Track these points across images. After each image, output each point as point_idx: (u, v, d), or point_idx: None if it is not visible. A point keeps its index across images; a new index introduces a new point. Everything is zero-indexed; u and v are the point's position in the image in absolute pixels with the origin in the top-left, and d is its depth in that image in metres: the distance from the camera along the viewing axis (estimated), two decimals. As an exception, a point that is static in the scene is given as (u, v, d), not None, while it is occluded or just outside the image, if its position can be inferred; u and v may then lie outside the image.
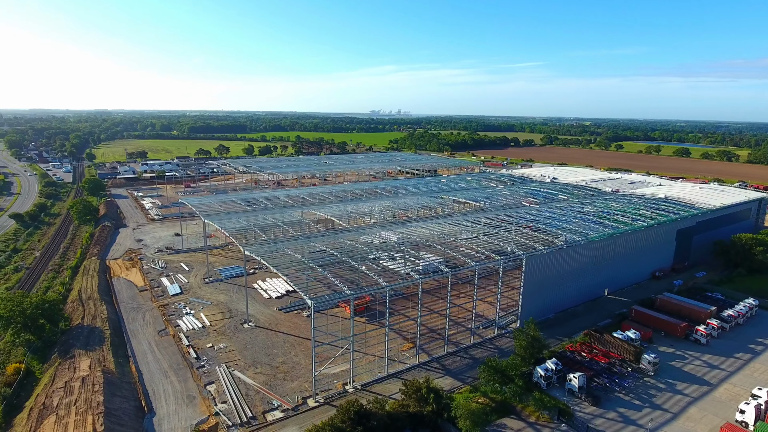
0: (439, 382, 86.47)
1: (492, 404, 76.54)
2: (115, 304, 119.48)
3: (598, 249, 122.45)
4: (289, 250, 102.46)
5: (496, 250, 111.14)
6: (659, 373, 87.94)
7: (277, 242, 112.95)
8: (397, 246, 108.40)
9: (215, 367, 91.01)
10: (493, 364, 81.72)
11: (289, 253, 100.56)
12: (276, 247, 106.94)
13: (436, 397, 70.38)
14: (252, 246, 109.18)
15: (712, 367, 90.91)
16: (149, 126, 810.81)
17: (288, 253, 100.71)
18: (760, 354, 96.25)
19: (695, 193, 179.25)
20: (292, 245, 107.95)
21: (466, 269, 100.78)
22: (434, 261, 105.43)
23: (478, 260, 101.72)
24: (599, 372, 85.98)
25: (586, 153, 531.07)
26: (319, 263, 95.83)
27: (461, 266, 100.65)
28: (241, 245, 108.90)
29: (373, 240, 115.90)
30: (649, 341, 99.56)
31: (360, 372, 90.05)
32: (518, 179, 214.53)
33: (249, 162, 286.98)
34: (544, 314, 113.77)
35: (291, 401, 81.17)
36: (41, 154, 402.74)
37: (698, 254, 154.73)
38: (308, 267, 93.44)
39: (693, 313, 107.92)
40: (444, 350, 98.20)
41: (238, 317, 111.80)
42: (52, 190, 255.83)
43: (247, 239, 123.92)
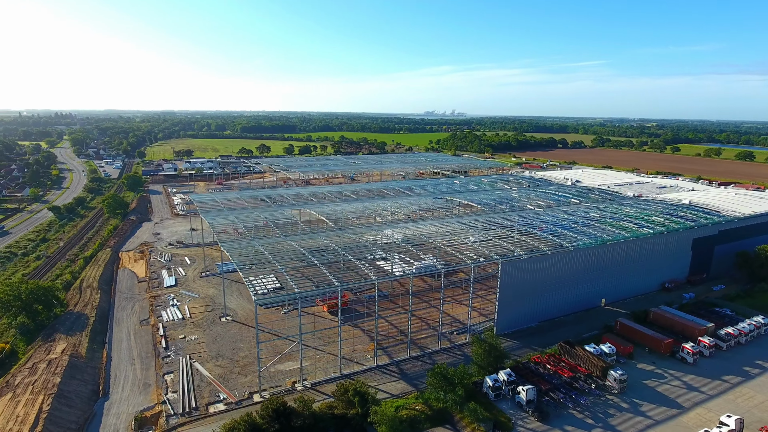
0: (390, 386, 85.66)
1: (429, 412, 74.16)
2: (112, 294, 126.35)
3: (592, 256, 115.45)
4: (262, 248, 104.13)
5: (476, 254, 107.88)
6: (626, 391, 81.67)
7: (255, 239, 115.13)
8: (371, 246, 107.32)
9: (179, 358, 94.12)
10: (439, 370, 78.97)
11: (260, 250, 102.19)
12: (252, 243, 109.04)
13: (361, 400, 69.10)
14: (230, 242, 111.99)
15: (690, 389, 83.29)
16: (205, 126, 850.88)
17: (258, 249, 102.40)
18: (752, 378, 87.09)
19: (727, 200, 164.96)
20: (268, 242, 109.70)
21: (433, 272, 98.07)
22: (402, 262, 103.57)
23: (447, 262, 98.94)
24: (558, 386, 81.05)
25: (636, 155, 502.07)
26: (285, 261, 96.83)
27: (426, 269, 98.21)
28: (220, 240, 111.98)
29: (355, 239, 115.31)
30: (628, 357, 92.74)
31: (316, 370, 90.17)
32: (538, 181, 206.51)
33: (278, 161, 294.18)
34: (526, 322, 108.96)
35: (238, 395, 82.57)
36: (98, 151, 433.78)
37: (721, 266, 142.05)
38: (271, 264, 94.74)
39: (686, 329, 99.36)
40: (407, 354, 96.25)
41: (219, 311, 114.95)
42: (96, 185, 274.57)
43: (231, 234, 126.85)
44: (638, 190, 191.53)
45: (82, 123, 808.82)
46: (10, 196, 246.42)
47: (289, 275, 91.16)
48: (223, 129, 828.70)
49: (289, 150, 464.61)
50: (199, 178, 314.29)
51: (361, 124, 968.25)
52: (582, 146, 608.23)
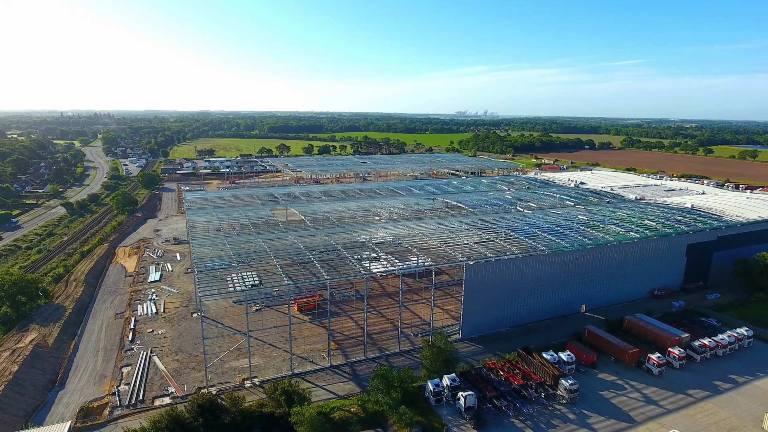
0: (338, 387, 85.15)
1: (362, 414, 73.20)
2: (97, 287, 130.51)
3: (569, 260, 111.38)
4: (228, 246, 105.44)
5: (443, 256, 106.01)
6: (578, 401, 78.33)
7: (227, 236, 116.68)
8: (336, 246, 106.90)
9: (141, 351, 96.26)
10: (380, 372, 77.83)
11: (226, 247, 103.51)
12: (222, 241, 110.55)
13: (287, 399, 68.83)
14: (201, 239, 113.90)
15: (648, 402, 79.10)
16: (234, 126, 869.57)
17: (224, 247, 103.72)
18: (720, 393, 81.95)
19: (735, 205, 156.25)
20: (237, 240, 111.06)
21: (391, 273, 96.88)
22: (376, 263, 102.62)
23: (406, 263, 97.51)
24: (505, 393, 78.51)
25: (665, 157, 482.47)
26: (244, 259, 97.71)
27: (386, 270, 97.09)
28: (191, 237, 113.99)
29: (324, 239, 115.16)
30: (591, 366, 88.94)
31: (270, 368, 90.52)
32: (540, 183, 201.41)
33: (289, 161, 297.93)
34: (495, 327, 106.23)
35: (186, 390, 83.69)
36: (126, 150, 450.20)
37: (721, 274, 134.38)
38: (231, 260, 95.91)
39: (658, 339, 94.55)
40: (364, 355, 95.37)
41: (193, 306, 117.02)
42: (113, 182, 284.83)
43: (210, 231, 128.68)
44: (644, 192, 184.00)
45: (118, 123, 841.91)
46: (31, 192, 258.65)
47: (246, 272, 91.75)
48: (251, 129, 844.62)
49: (309, 150, 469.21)
50: (215, 177, 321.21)
51: (387, 125, 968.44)
52: (610, 147, 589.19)
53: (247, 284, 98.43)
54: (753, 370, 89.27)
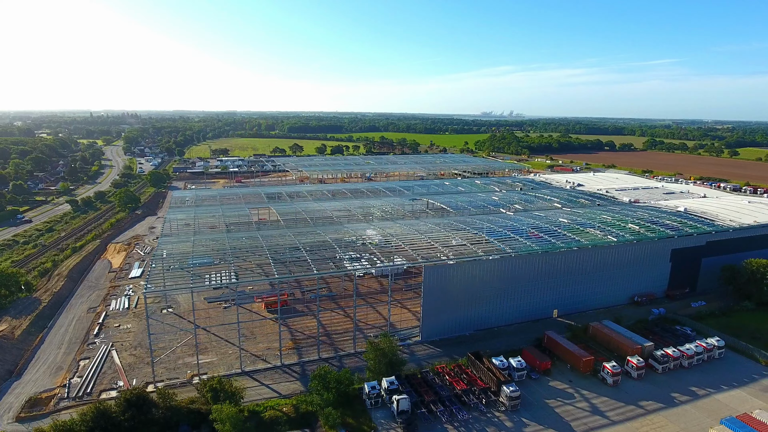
0: (283, 386, 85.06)
1: (293, 414, 72.84)
2: (79, 282, 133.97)
3: (538, 263, 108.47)
4: (192, 243, 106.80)
5: (405, 256, 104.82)
6: (519, 409, 76.05)
7: (196, 234, 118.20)
8: (298, 245, 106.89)
9: (103, 345, 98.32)
10: (318, 372, 77.32)
11: (189, 243, 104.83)
12: (191, 239, 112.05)
13: (214, 397, 69.05)
14: (171, 236, 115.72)
15: (594, 413, 76.18)
16: (256, 126, 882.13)
17: (187, 243, 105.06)
18: (675, 406, 78.27)
19: (733, 208, 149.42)
20: (206, 238, 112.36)
21: (342, 272, 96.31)
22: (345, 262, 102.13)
23: (361, 265, 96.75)
24: (444, 398, 76.87)
25: (686, 159, 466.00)
26: (205, 256, 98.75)
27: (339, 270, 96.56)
28: (162, 234, 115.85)
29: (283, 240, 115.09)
30: (544, 373, 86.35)
31: (222, 365, 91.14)
32: (537, 185, 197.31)
33: (293, 161, 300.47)
34: (458, 330, 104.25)
35: (135, 384, 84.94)
36: (144, 150, 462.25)
37: (711, 281, 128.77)
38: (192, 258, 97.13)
39: (620, 347, 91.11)
40: (318, 354, 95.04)
41: (165, 302, 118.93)
42: (124, 180, 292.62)
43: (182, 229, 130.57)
44: (642, 195, 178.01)
45: (144, 122, 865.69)
46: (44, 189, 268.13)
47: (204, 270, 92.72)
48: (272, 129, 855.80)
49: (322, 150, 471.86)
50: (224, 176, 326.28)
51: (407, 125, 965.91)
52: (631, 149, 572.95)
53: (215, 281, 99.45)
54: (717, 383, 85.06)
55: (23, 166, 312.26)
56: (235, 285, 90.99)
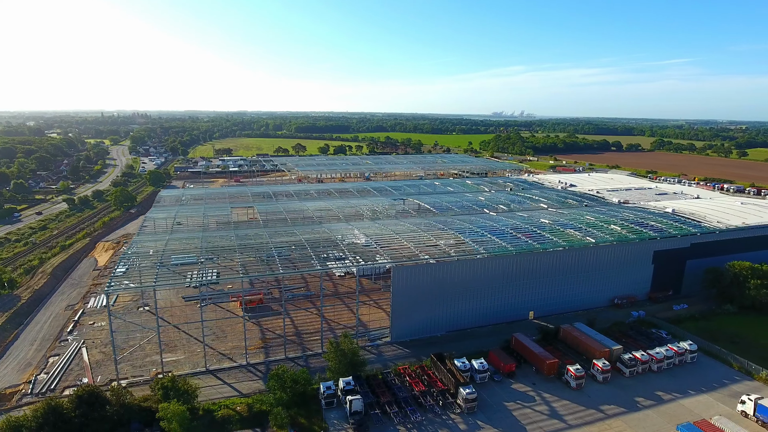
0: (244, 385, 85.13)
1: (246, 413, 72.77)
2: (63, 279, 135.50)
3: (512, 265, 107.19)
4: (167, 241, 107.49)
5: (376, 257, 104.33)
6: (476, 412, 75.16)
7: (173, 233, 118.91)
8: (270, 245, 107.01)
9: (74, 342, 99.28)
10: (275, 372, 77.18)
11: (161, 243, 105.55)
12: (164, 237, 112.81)
13: (164, 395, 69.22)
14: (147, 234, 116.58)
15: (552, 417, 75.00)
16: (264, 126, 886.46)
17: (161, 241, 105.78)
18: (637, 411, 76.73)
19: (723, 210, 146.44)
20: (179, 237, 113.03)
21: (304, 272, 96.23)
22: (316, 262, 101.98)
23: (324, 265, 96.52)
24: (401, 400, 76.21)
25: (693, 160, 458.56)
26: (166, 256, 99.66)
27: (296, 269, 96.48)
28: (138, 232, 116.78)
29: (269, 238, 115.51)
30: (509, 375, 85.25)
31: (188, 363, 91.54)
32: (529, 185, 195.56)
33: (290, 160, 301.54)
34: (429, 331, 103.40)
35: (100, 381, 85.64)
36: (149, 149, 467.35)
37: (696, 283, 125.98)
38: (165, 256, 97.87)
39: (588, 350, 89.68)
40: (284, 354, 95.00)
41: (146, 300, 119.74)
42: (124, 179, 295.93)
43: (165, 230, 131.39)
44: (633, 196, 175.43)
45: (153, 122, 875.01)
46: (45, 188, 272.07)
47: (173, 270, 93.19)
48: (280, 129, 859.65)
49: (324, 150, 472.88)
50: (224, 175, 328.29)
51: (414, 125, 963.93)
52: (639, 149, 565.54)
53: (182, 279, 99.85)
54: (685, 387, 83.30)
55: (27, 165, 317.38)
56: (205, 284, 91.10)
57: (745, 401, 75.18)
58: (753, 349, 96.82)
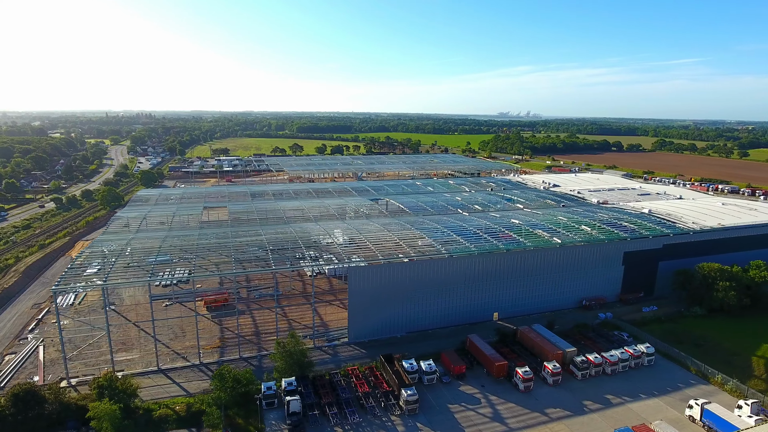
0: (193, 385, 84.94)
1: (184, 413, 72.52)
2: (35, 278, 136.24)
3: (473, 265, 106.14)
4: (127, 242, 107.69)
5: (337, 257, 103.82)
6: (417, 414, 74.36)
7: (139, 232, 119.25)
8: (229, 245, 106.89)
9: (34, 340, 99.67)
10: (219, 372, 76.80)
11: (120, 242, 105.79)
12: (129, 236, 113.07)
13: (99, 394, 69.17)
14: (112, 233, 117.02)
15: (494, 420, 73.97)
16: (266, 126, 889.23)
17: (118, 242, 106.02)
18: (583, 414, 75.51)
19: (702, 211, 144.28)
20: (144, 236, 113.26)
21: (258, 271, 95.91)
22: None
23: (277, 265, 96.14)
24: (344, 401, 75.58)
25: (693, 160, 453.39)
26: (123, 255, 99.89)
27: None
28: (105, 231, 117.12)
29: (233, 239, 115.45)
30: (458, 377, 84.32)
31: (141, 363, 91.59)
32: (512, 185, 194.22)
33: (282, 160, 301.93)
34: (388, 332, 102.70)
35: (51, 380, 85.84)
36: (146, 149, 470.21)
37: (669, 284, 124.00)
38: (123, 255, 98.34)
39: (542, 352, 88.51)
40: (238, 354, 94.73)
41: (114, 299, 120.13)
42: (116, 179, 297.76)
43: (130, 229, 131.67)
44: (615, 196, 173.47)
45: (157, 122, 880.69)
46: (37, 188, 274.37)
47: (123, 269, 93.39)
48: (282, 129, 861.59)
49: (322, 150, 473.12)
50: (217, 175, 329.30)
51: (416, 125, 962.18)
52: (639, 150, 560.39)
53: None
54: (637, 391, 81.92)
55: (23, 165, 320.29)
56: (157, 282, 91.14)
57: (693, 406, 73.78)
58: (716, 352, 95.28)
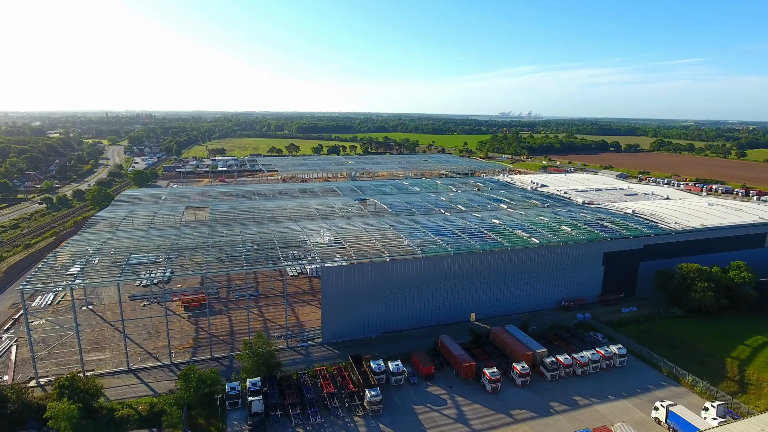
0: (161, 385, 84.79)
1: (146, 413, 72.34)
2: (17, 277, 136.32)
3: (448, 265, 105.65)
4: (102, 241, 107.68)
5: (312, 256, 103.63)
6: (381, 415, 74.02)
7: (117, 232, 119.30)
8: (206, 245, 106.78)
9: (8, 340, 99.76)
10: (184, 372, 76.60)
11: (94, 242, 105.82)
12: (107, 236, 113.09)
13: (59, 394, 69.08)
14: (85, 234, 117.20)
15: (457, 421, 73.53)
16: (265, 126, 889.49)
17: (93, 242, 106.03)
18: (548, 416, 75.00)
19: (687, 212, 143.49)
20: (121, 236, 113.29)
21: (236, 271, 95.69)
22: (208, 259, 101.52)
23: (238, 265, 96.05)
24: (307, 401, 75.29)
25: (690, 160, 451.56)
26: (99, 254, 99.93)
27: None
28: (81, 231, 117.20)
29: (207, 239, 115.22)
30: (427, 378, 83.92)
31: (112, 362, 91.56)
32: (500, 185, 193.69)
33: (275, 161, 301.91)
34: (364, 332, 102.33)
35: (21, 379, 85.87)
36: (143, 149, 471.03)
37: (650, 285, 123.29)
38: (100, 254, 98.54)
39: (513, 353, 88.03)
40: (210, 354, 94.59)
41: (87, 299, 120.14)
42: (109, 179, 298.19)
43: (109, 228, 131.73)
44: (602, 196, 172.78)
45: (157, 123, 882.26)
46: (30, 188, 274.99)
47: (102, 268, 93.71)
48: (282, 129, 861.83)
49: (318, 150, 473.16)
50: (211, 175, 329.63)
51: (416, 125, 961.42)
52: (638, 150, 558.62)
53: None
54: (606, 393, 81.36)
55: (18, 165, 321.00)
56: (120, 282, 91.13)
57: (659, 408, 73.21)
58: (692, 354, 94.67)
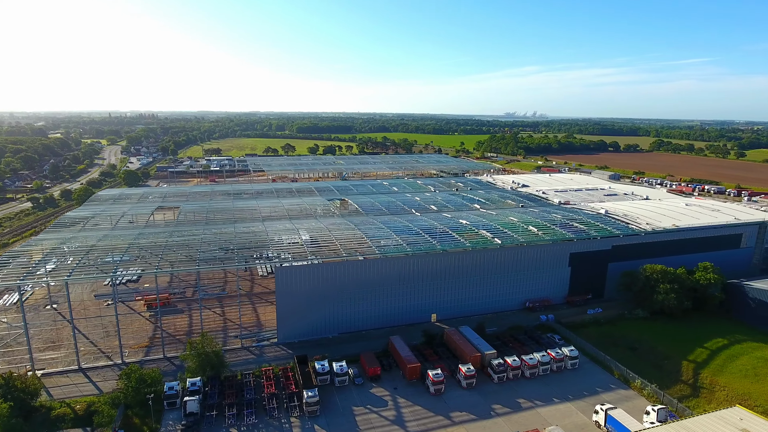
0: (107, 384, 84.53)
1: (81, 413, 72.31)
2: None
3: (407, 266, 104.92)
4: (62, 240, 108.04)
5: (268, 255, 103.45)
6: (318, 416, 73.54)
7: (80, 231, 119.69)
8: (169, 244, 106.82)
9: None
10: (125, 372, 76.61)
11: (54, 241, 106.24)
12: (84, 235, 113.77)
13: (-8, 393, 69.15)
14: (48, 233, 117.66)
15: (394, 423, 72.85)
16: (267, 126, 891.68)
17: (53, 241, 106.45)
18: (488, 418, 74.16)
19: (663, 212, 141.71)
20: (92, 234, 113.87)
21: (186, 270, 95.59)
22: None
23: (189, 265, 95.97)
24: (245, 402, 74.95)
25: (688, 160, 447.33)
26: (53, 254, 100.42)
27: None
28: (47, 230, 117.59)
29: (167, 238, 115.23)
30: (373, 378, 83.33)
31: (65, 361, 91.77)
32: (481, 185, 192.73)
33: (263, 160, 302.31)
34: (321, 332, 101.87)
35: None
36: (140, 149, 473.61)
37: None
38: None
39: (462, 355, 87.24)
40: (162, 354, 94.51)
41: (53, 297, 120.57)
42: (101, 178, 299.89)
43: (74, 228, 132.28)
44: (580, 196, 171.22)
45: (158, 123, 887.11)
46: (20, 187, 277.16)
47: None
48: (282, 129, 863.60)
49: (314, 150, 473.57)
50: (202, 175, 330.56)
51: (417, 125, 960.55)
52: (637, 150, 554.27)
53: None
54: (552, 395, 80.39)
55: (12, 164, 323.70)
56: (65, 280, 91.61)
57: (599, 411, 72.22)
58: (649, 356, 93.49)
